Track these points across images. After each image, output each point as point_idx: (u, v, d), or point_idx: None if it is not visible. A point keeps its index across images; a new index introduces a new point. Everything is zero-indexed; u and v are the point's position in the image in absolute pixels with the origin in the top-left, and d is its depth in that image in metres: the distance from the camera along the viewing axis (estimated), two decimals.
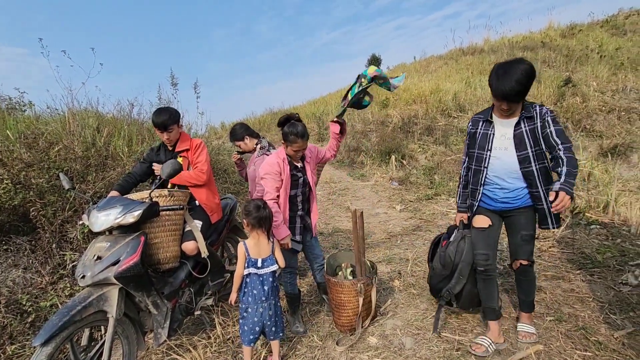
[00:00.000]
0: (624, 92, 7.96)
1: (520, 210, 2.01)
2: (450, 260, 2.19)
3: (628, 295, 2.52)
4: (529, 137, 1.90)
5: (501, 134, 1.98)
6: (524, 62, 1.79)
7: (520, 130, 1.92)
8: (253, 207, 2.00)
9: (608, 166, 5.41)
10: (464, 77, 9.74)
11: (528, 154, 1.90)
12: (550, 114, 1.89)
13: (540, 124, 1.88)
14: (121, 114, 5.69)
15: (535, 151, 1.90)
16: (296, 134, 2.20)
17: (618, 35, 11.26)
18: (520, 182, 1.96)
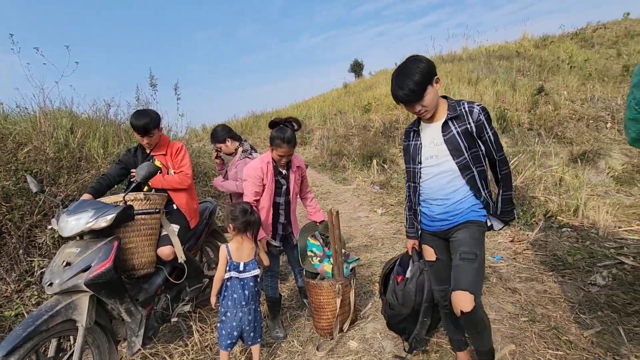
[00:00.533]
0: (592, 101, 8.38)
1: (459, 226, 1.67)
2: (411, 300, 1.90)
3: (596, 295, 2.63)
4: (462, 139, 1.61)
5: (429, 141, 1.69)
6: (419, 59, 1.57)
7: (450, 133, 1.62)
8: (240, 212, 1.96)
9: (578, 171, 5.66)
10: (443, 84, 9.99)
11: (466, 158, 1.62)
12: (483, 113, 1.62)
13: (475, 125, 1.60)
14: (97, 114, 5.50)
15: (472, 154, 1.63)
16: (282, 138, 2.16)
17: (586, 47, 11.87)
18: (457, 195, 1.67)
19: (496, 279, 2.97)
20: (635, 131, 1.58)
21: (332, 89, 15.14)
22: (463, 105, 1.65)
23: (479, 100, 8.72)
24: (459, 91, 9.28)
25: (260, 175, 2.22)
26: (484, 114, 1.63)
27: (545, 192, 4.66)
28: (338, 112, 10.16)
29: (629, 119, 1.56)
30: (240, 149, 2.80)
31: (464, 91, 9.29)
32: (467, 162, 1.62)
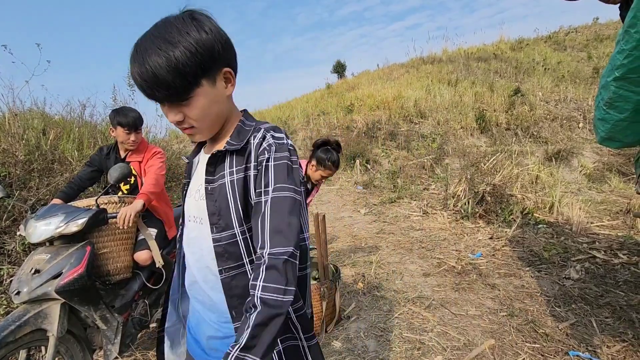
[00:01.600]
0: (565, 102, 8.71)
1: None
2: None
3: (570, 288, 2.73)
4: (236, 197, 0.80)
5: (196, 188, 0.89)
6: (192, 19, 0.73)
7: (220, 180, 0.82)
8: None
9: (553, 170, 5.88)
10: (424, 84, 10.16)
11: (235, 236, 0.81)
12: (273, 150, 0.78)
13: (253, 171, 0.79)
14: (71, 115, 5.32)
15: (248, 232, 0.81)
16: (333, 162, 2.22)
17: (559, 50, 12.34)
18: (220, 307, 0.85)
19: (476, 276, 3.04)
20: (604, 130, 1.64)
21: (315, 90, 15.14)
22: (258, 131, 0.82)
23: (458, 101, 8.92)
24: (440, 92, 9.46)
25: None
26: (276, 153, 0.78)
27: (522, 190, 4.81)
28: (321, 112, 10.17)
29: (598, 119, 1.62)
30: None
31: (444, 92, 9.47)
32: (236, 244, 0.81)
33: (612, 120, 1.63)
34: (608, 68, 1.55)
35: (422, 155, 7.06)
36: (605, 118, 1.60)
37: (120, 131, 2.11)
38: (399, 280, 3.08)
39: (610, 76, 1.53)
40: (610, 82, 1.53)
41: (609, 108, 1.60)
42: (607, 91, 1.55)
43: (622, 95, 1.54)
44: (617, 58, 1.49)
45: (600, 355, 2.01)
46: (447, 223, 4.38)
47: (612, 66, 1.51)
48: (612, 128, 1.65)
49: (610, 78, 1.53)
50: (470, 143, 7.72)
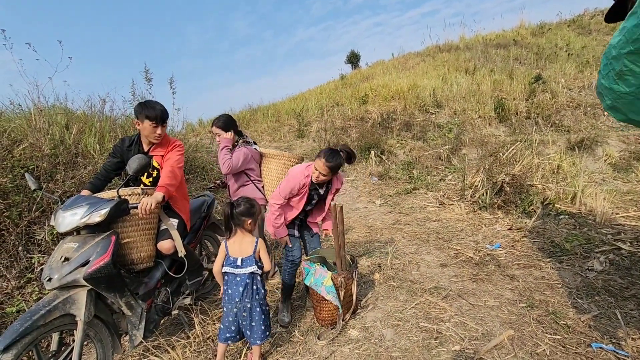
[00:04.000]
0: (589, 89, 8.35)
1: None
2: None
3: (593, 280, 2.65)
4: None
5: None
6: None
7: None
8: (255, 206, 2.02)
9: (575, 159, 5.67)
10: (440, 73, 9.93)
11: None
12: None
13: None
14: (92, 110, 5.46)
15: None
16: (326, 157, 2.22)
17: (584, 34, 11.79)
18: None
19: (494, 267, 2.99)
20: (611, 99, 1.60)
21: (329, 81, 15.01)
22: None
23: (476, 90, 8.68)
24: (457, 80, 9.23)
25: (297, 187, 2.31)
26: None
27: (543, 180, 4.67)
28: (335, 104, 10.10)
29: (605, 87, 1.57)
30: (241, 140, 2.84)
31: (461, 80, 9.24)
32: None
33: (619, 92, 1.57)
34: (622, 40, 1.48)
35: (438, 146, 6.94)
36: (613, 88, 1.55)
37: (147, 124, 2.13)
38: (415, 271, 3.07)
39: (625, 49, 1.46)
40: (623, 54, 1.46)
41: (619, 79, 1.54)
42: (618, 63, 1.49)
43: (632, 70, 1.47)
44: (634, 31, 1.41)
45: (625, 347, 1.96)
46: (464, 214, 4.31)
47: (627, 39, 1.44)
48: (618, 99, 1.60)
49: (625, 50, 1.46)
50: (488, 133, 7.53)
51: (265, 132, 10.84)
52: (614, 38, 1.47)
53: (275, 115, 11.77)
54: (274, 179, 2.80)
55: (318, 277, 2.31)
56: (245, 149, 2.72)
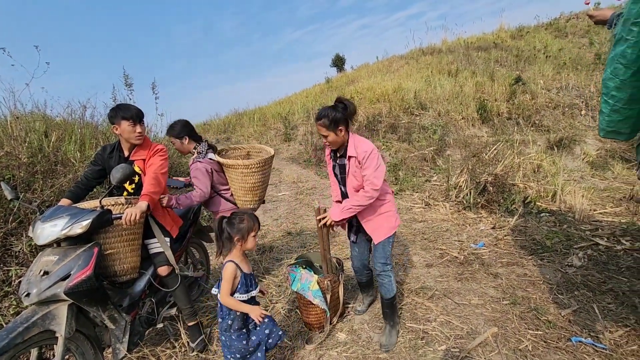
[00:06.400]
0: (566, 90, 8.62)
1: None
2: None
3: (573, 276, 2.74)
4: None
5: None
6: None
7: None
8: (254, 217, 1.80)
9: (555, 158, 5.85)
10: (424, 76, 10.09)
11: None
12: None
13: None
14: (72, 116, 5.34)
15: None
16: (316, 114, 2.11)
17: (560, 37, 12.18)
18: None
19: (479, 265, 3.06)
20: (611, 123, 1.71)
21: (315, 84, 15.09)
22: None
23: (459, 92, 8.86)
24: (440, 83, 9.40)
25: (325, 152, 2.23)
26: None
27: (525, 179, 4.80)
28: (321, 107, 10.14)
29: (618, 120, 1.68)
30: (196, 150, 2.60)
31: (444, 82, 9.41)
32: None
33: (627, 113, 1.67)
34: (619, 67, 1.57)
35: (424, 147, 7.04)
36: (622, 111, 1.66)
37: (125, 125, 2.09)
38: (401, 272, 3.10)
39: (627, 74, 1.55)
40: (627, 80, 1.56)
41: (629, 104, 1.65)
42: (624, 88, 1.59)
43: (638, 87, 1.57)
44: (629, 53, 1.50)
45: (603, 340, 2.03)
46: (449, 214, 4.39)
47: (627, 62, 1.53)
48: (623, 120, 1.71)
49: (627, 76, 1.55)
50: (471, 133, 7.69)
51: (252, 136, 10.79)
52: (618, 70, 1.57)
53: (261, 119, 11.74)
54: (237, 188, 2.64)
55: (304, 282, 2.31)
56: (199, 166, 2.49)
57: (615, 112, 1.75)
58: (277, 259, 3.63)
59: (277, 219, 4.91)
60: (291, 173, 7.07)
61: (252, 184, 2.63)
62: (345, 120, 2.07)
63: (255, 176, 2.63)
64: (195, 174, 2.48)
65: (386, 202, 2.18)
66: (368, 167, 2.02)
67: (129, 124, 2.09)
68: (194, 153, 2.62)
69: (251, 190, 2.65)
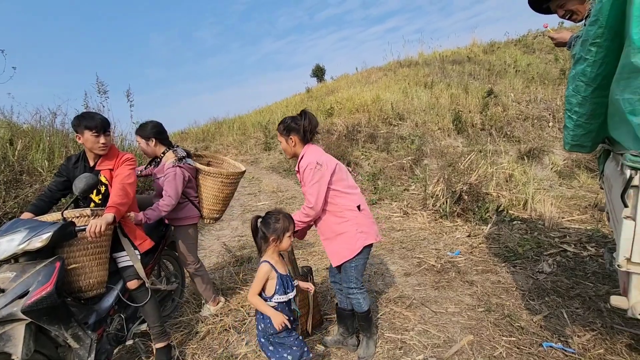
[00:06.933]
0: (535, 102, 9.06)
1: None
2: None
3: (543, 282, 2.83)
4: None
5: None
6: None
7: None
8: (289, 217, 1.77)
9: (526, 168, 6.09)
10: (401, 87, 10.35)
11: None
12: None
13: None
14: (41, 124, 5.12)
15: None
16: None
17: (528, 52, 12.84)
18: None
19: (455, 273, 3.11)
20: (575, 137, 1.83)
21: (295, 94, 15.16)
22: None
23: (435, 103, 9.13)
24: (417, 94, 9.66)
25: None
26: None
27: (497, 188, 4.96)
28: None
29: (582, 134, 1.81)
30: (172, 156, 2.48)
31: (421, 94, 9.68)
32: None
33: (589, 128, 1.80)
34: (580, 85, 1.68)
35: (402, 157, 7.18)
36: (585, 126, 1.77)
37: (88, 135, 2.01)
38: (380, 281, 3.11)
39: (587, 91, 1.66)
40: (588, 96, 1.67)
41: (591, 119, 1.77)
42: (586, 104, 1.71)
43: (598, 103, 1.68)
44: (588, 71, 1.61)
45: (572, 344, 2.09)
46: (427, 223, 4.46)
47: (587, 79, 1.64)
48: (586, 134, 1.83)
49: (588, 92, 1.66)
50: (447, 144, 7.91)
51: (231, 145, 10.67)
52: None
53: (241, 128, 11.64)
54: (209, 196, 2.59)
55: None
56: (179, 172, 2.40)
57: (578, 126, 1.85)
58: (255, 270, 3.56)
59: None
60: (271, 182, 7.01)
61: (226, 195, 2.66)
62: (300, 132, 2.04)
63: (230, 187, 2.67)
64: (171, 178, 2.37)
65: (345, 221, 2.01)
66: (305, 182, 1.99)
67: (92, 134, 2.01)
68: (161, 157, 2.54)
69: (223, 201, 2.66)
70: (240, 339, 2.45)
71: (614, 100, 1.48)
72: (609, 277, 2.77)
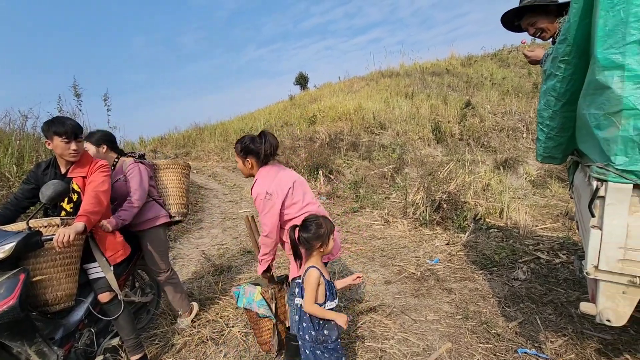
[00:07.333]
0: (510, 114, 9.42)
1: None
2: None
3: (518, 289, 2.91)
4: None
5: None
6: None
7: None
8: (328, 219, 1.76)
9: (502, 177, 6.29)
10: (383, 97, 10.55)
11: None
12: None
13: None
14: (10, 127, 4.90)
15: None
16: None
17: (504, 66, 13.39)
18: None
19: (434, 281, 3.15)
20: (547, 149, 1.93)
21: (278, 101, 15.17)
22: None
23: (415, 113, 9.34)
24: (398, 104, 9.86)
25: None
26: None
27: (475, 197, 5.09)
28: (284, 124, 10.19)
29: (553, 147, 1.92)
30: (129, 158, 2.48)
31: (402, 104, 9.88)
32: None
33: (559, 140, 1.90)
34: (551, 99, 1.77)
35: (383, 165, 7.27)
36: (555, 139, 1.87)
37: (57, 141, 1.93)
38: (361, 290, 3.11)
39: (558, 105, 1.75)
40: (558, 110, 1.77)
41: (561, 132, 1.86)
42: (556, 118, 1.81)
43: (568, 117, 1.77)
44: (558, 86, 1.70)
45: (545, 350, 2.15)
46: (407, 231, 4.52)
47: (557, 94, 1.73)
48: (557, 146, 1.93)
49: (558, 107, 1.75)
50: (427, 153, 8.09)
51: (213, 151, 10.52)
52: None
53: (223, 135, 11.51)
54: (175, 189, 2.64)
55: (249, 296, 2.24)
56: (142, 167, 2.41)
57: (549, 139, 1.94)
58: (235, 279, 3.49)
59: (237, 237, 4.76)
60: None
61: (187, 186, 2.81)
62: (258, 155, 1.99)
63: (188, 179, 2.84)
64: (136, 173, 2.35)
65: None
66: (258, 211, 1.97)
67: (61, 140, 1.93)
68: (115, 162, 2.47)
69: (186, 193, 2.77)
70: (218, 351, 2.39)
71: (581, 115, 1.56)
72: (580, 283, 2.88)
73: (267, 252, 2.06)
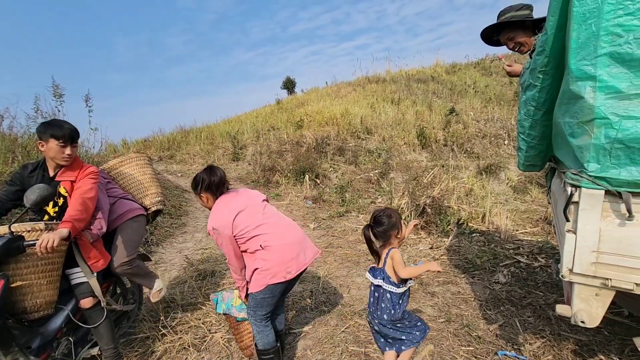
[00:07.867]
0: (492, 121, 9.69)
1: None
2: None
3: (499, 292, 2.98)
4: None
5: None
6: None
7: None
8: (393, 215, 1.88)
9: (484, 182, 6.46)
10: (369, 102, 10.67)
11: None
12: None
13: None
14: None
15: None
16: None
17: (486, 75, 13.78)
18: None
19: (417, 285, 3.19)
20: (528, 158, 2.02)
21: (265, 105, 15.12)
22: None
23: (401, 119, 9.49)
24: (384, 110, 9.99)
25: None
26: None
27: (458, 202, 5.20)
28: (271, 128, 10.17)
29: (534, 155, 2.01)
30: None
31: (388, 110, 10.02)
32: None
33: (540, 148, 1.98)
34: (531, 109, 1.85)
35: (369, 170, 7.35)
36: (537, 147, 1.95)
37: (53, 144, 1.89)
38: (346, 294, 3.13)
39: (538, 114, 1.83)
40: (539, 119, 1.84)
41: (542, 140, 1.94)
42: (537, 127, 1.90)
43: (547, 125, 1.84)
44: (537, 96, 1.78)
45: (524, 352, 2.21)
46: None
47: (537, 104, 1.80)
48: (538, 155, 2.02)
49: (538, 116, 1.83)
50: (412, 158, 8.22)
51: (198, 154, 10.38)
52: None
53: (209, 138, 11.37)
54: (142, 181, 2.60)
55: (227, 301, 2.24)
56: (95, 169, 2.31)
57: (531, 148, 2.02)
58: (219, 284, 3.46)
59: None
60: None
61: (151, 174, 2.71)
62: (209, 189, 2.05)
63: (151, 166, 2.76)
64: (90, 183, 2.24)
65: (254, 259, 2.01)
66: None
67: (58, 143, 1.90)
68: None
69: (153, 182, 2.68)
70: (199, 358, 2.35)
71: (556, 123, 1.63)
72: (557, 286, 2.98)
73: (236, 277, 2.11)
